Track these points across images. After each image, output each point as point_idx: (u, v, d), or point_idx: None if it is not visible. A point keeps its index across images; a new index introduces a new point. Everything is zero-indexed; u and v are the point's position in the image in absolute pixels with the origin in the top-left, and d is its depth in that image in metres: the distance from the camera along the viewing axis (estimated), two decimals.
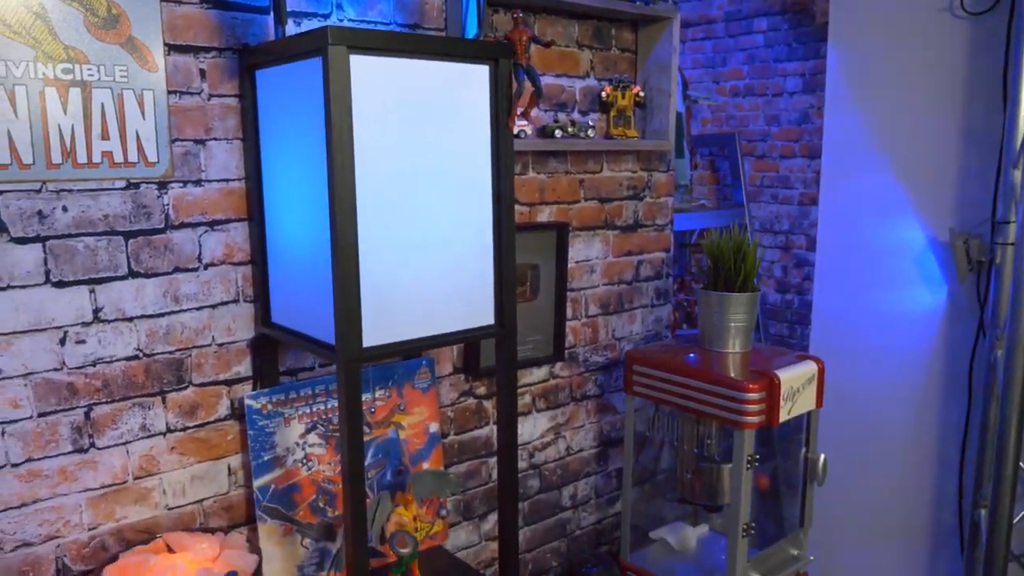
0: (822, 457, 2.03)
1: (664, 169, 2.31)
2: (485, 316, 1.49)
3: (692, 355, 2.03)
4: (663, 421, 2.14)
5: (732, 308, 1.99)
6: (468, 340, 1.59)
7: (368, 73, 1.27)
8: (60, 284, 1.36)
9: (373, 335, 1.32)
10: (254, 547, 1.51)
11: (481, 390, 2.00)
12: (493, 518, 2.07)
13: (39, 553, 1.39)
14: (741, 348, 2.03)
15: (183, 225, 1.48)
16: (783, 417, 1.86)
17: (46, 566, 1.39)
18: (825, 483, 2.06)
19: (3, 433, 1.33)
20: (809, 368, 1.94)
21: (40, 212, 1.33)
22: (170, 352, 1.49)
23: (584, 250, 2.17)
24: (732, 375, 1.87)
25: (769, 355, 2.03)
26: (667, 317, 2.44)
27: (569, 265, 2.12)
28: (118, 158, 1.40)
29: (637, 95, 2.12)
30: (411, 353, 1.77)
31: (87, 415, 1.41)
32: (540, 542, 2.21)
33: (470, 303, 1.47)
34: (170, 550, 1.44)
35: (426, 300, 1.41)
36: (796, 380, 1.89)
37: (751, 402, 1.80)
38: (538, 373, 2.12)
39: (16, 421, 1.34)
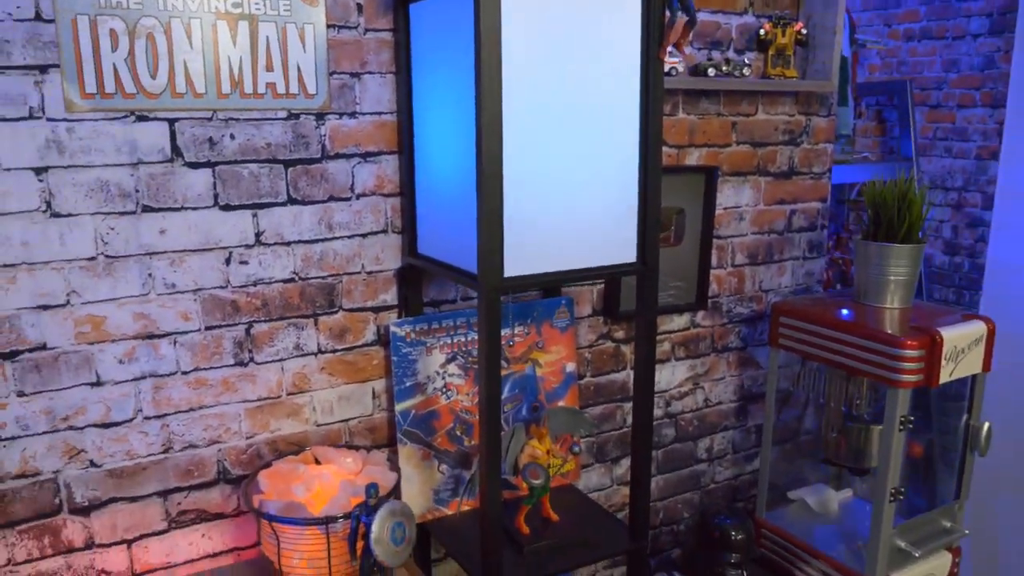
0: (986, 425, 1.88)
1: (825, 113, 2.17)
2: (627, 253, 1.47)
3: (846, 309, 1.92)
4: (809, 378, 2.05)
5: (893, 260, 1.86)
6: (609, 276, 1.57)
7: (518, 4, 1.25)
8: (227, 207, 1.45)
9: (514, 266, 1.33)
10: (394, 467, 1.57)
11: (619, 334, 1.98)
12: (626, 463, 2.07)
13: (203, 455, 1.51)
14: (900, 304, 1.90)
15: (338, 156, 1.53)
16: (943, 379, 1.73)
17: (209, 467, 1.52)
18: (987, 454, 1.91)
19: (175, 343, 1.45)
20: (977, 328, 1.79)
21: (211, 139, 1.42)
22: (323, 277, 1.56)
23: (733, 196, 2.08)
24: (889, 330, 1.75)
25: (931, 312, 1.89)
26: (819, 272, 2.32)
27: (717, 211, 2.05)
28: (280, 89, 1.47)
29: (799, 32, 2.00)
30: (551, 286, 1.78)
31: (247, 332, 1.51)
32: (672, 492, 2.19)
33: (612, 240, 1.45)
34: (317, 462, 1.53)
35: (568, 235, 1.40)
36: (961, 340, 1.75)
37: (908, 360, 1.69)
38: (679, 321, 2.07)
39: (186, 333, 1.46)
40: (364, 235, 1.59)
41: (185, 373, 1.47)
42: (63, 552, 1.42)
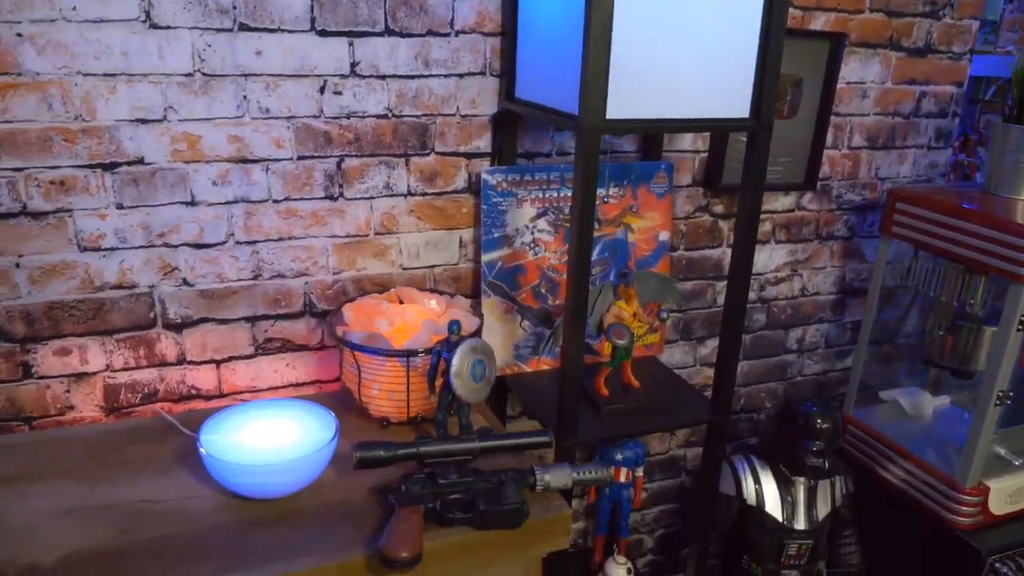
0: None
1: None
2: (739, 108, 1.36)
3: (971, 198, 1.77)
4: (920, 272, 1.91)
5: None
6: (718, 130, 1.47)
7: None
8: (323, 33, 1.41)
9: (617, 108, 1.25)
10: (476, 315, 1.56)
11: (718, 208, 1.88)
12: (711, 344, 2.00)
13: (290, 286, 1.52)
14: None
15: None
16: None
17: (295, 298, 1.53)
18: None
19: (267, 170, 1.44)
20: None
21: None
22: (416, 116, 1.51)
23: (859, 70, 1.91)
24: (1021, 221, 1.60)
25: None
26: (944, 164, 2.14)
27: (838, 85, 1.89)
28: None
29: None
30: (655, 132, 1.69)
31: (339, 165, 1.48)
32: (756, 379, 2.13)
33: (725, 93, 1.34)
34: (400, 303, 1.52)
35: (677, 83, 1.30)
36: None
37: None
38: (783, 201, 1.95)
39: (278, 160, 1.44)
40: (461, 75, 1.52)
41: (276, 202, 1.46)
42: (157, 365, 1.47)
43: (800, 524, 1.83)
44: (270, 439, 1.24)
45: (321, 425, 1.26)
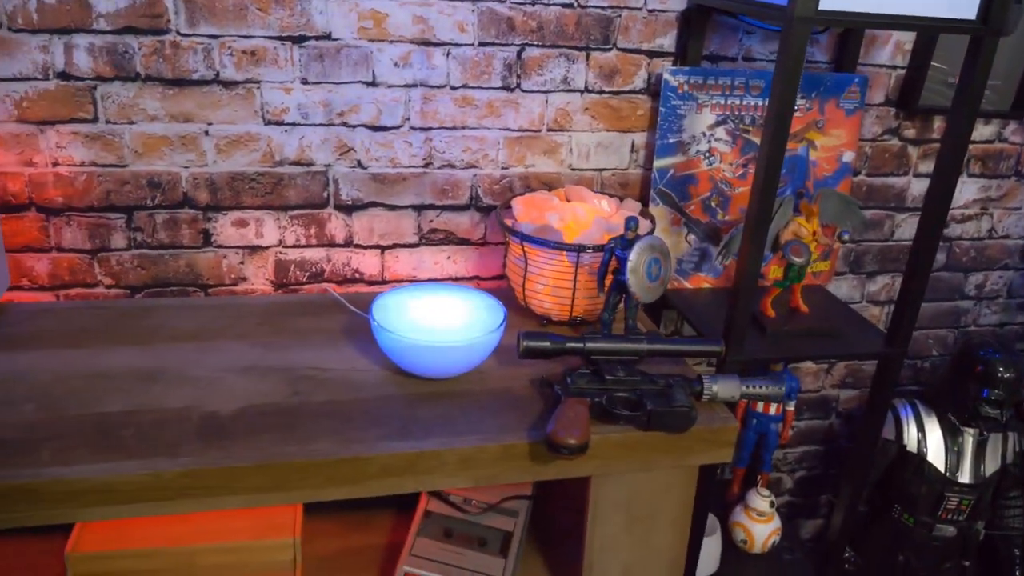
0: None
1: None
2: (965, 8, 1.23)
3: None
4: None
5: None
6: (939, 30, 1.30)
7: None
8: None
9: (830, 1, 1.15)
10: (647, 218, 1.50)
11: (910, 132, 1.73)
12: (882, 281, 1.88)
13: (459, 177, 1.51)
14: None
15: None
16: None
17: (463, 190, 1.52)
18: None
19: (448, 54, 1.41)
20: None
21: None
22: (602, 8, 1.45)
23: None
24: None
25: None
26: None
27: None
28: None
29: None
30: (851, 41, 1.57)
31: (519, 55, 1.44)
32: (925, 324, 1.98)
33: None
34: (569, 201, 1.48)
35: None
36: None
37: None
38: (983, 130, 1.78)
39: (460, 45, 1.41)
40: None
41: (454, 88, 1.44)
42: (326, 245, 1.50)
43: (964, 477, 1.72)
44: (438, 320, 1.25)
45: (489, 312, 1.25)
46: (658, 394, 1.14)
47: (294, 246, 1.50)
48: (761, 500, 1.73)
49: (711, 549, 1.70)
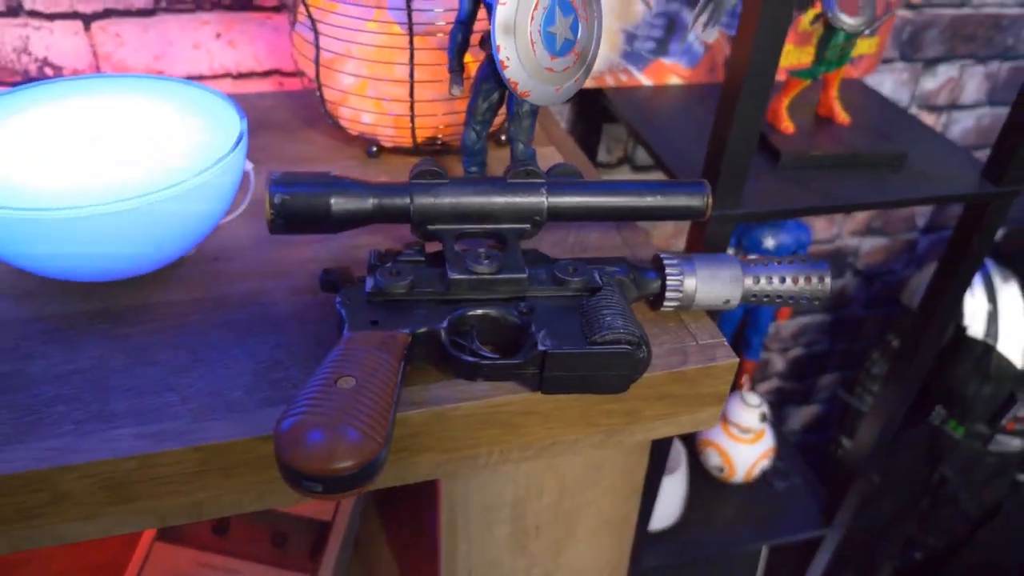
0: None
1: None
2: None
3: None
4: None
5: None
6: None
7: None
8: None
9: None
10: None
11: None
12: (943, 72, 1.22)
13: None
14: None
15: None
16: None
17: None
18: None
19: None
20: None
21: None
22: None
23: None
24: None
25: None
26: None
27: None
28: None
29: None
30: None
31: None
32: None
33: None
34: None
35: None
36: None
37: None
38: None
39: None
40: None
41: None
42: None
43: None
44: (101, 160, 0.57)
45: (214, 135, 0.58)
46: (565, 310, 0.51)
47: None
48: (748, 411, 1.16)
49: (673, 492, 1.14)
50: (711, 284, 0.55)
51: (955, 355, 1.19)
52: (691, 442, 1.25)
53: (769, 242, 1.12)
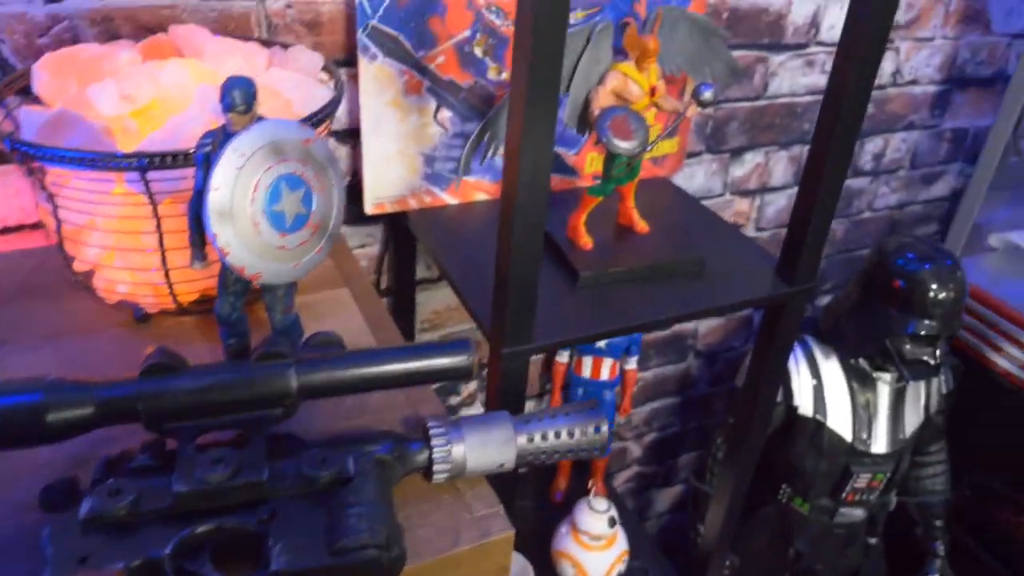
0: None
1: None
2: None
3: None
4: None
5: None
6: None
7: None
8: None
9: None
10: (348, 88, 0.79)
11: None
12: (751, 159, 1.27)
13: None
14: None
15: None
16: None
17: None
18: None
19: None
20: None
21: None
22: None
23: None
24: None
25: None
26: None
27: None
28: None
29: None
30: None
31: None
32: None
33: None
34: (182, 56, 0.73)
35: None
36: None
37: None
38: None
39: None
40: None
41: None
42: None
43: (879, 446, 1.20)
44: None
45: None
46: (311, 510, 0.46)
47: None
48: (596, 518, 1.14)
49: None
50: (482, 450, 0.53)
51: (789, 434, 1.22)
52: (545, 553, 1.21)
53: (599, 341, 1.12)
